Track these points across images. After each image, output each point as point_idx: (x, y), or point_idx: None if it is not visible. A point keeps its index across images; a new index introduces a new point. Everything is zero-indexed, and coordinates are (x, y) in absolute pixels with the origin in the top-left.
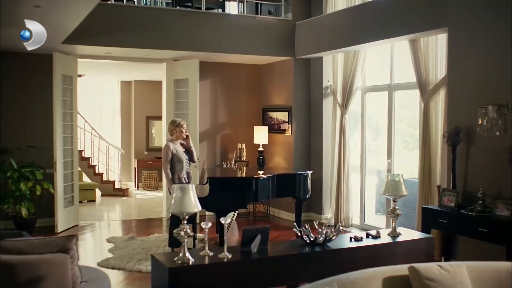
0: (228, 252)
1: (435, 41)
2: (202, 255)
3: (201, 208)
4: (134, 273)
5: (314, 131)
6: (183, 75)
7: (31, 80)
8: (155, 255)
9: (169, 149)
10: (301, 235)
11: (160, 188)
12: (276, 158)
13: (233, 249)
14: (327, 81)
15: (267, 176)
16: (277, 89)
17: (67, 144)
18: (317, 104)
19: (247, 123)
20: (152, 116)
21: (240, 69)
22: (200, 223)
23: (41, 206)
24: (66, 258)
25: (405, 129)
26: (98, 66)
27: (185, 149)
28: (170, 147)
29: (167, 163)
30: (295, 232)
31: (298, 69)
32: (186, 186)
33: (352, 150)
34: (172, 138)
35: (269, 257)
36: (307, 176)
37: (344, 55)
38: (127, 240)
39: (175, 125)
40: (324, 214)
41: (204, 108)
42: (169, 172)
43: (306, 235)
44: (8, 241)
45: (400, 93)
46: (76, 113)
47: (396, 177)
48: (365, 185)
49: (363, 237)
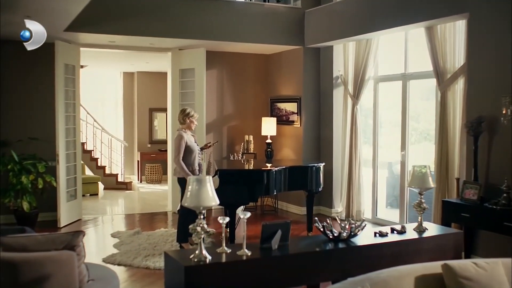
0: (247, 249)
1: (453, 28)
2: (219, 252)
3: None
4: (141, 269)
5: (324, 122)
6: (189, 64)
7: (32, 70)
8: (168, 253)
9: (183, 139)
10: (323, 230)
11: (164, 182)
12: (285, 150)
13: (251, 245)
14: (338, 70)
15: (279, 169)
16: (285, 79)
17: (70, 136)
18: (327, 95)
19: (254, 114)
20: (156, 108)
21: (247, 58)
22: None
23: (43, 200)
24: (72, 255)
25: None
26: (101, 56)
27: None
28: (184, 137)
29: (180, 153)
30: (317, 227)
31: (308, 58)
32: (203, 178)
33: (364, 141)
34: (182, 127)
35: (291, 254)
36: (319, 168)
37: (355, 44)
38: (132, 235)
39: (186, 115)
40: (335, 207)
41: (210, 99)
42: (183, 162)
43: (330, 231)
44: (10, 238)
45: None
46: (79, 104)
47: (423, 168)
48: (377, 178)
49: (388, 232)
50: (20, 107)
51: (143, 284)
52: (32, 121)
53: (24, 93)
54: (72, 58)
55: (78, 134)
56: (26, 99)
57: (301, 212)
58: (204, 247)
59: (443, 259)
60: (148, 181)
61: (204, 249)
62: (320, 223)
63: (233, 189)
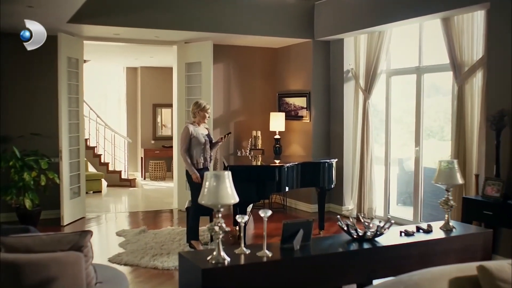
0: (268, 250)
1: (471, 19)
2: (238, 253)
3: None
4: (149, 269)
5: (334, 117)
6: (195, 58)
7: (34, 63)
8: (184, 254)
9: (189, 131)
10: (347, 229)
11: (168, 179)
12: (293, 146)
13: (271, 245)
14: (349, 64)
15: (291, 165)
16: (294, 73)
17: (73, 132)
18: (337, 89)
19: (262, 109)
20: (159, 103)
21: (254, 52)
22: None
23: (46, 197)
24: (79, 256)
25: (409, 119)
26: (104, 50)
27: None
28: (189, 129)
29: (184, 145)
30: (340, 226)
31: (317, 52)
32: (222, 174)
33: (375, 137)
34: (194, 120)
35: (314, 255)
36: (332, 164)
37: (367, 37)
38: (138, 234)
39: (199, 108)
40: (345, 205)
41: (217, 93)
42: (186, 155)
43: (354, 230)
44: (13, 238)
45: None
46: (82, 98)
47: (450, 163)
48: (390, 174)
49: (414, 231)
50: (22, 102)
51: (152, 285)
52: (34, 116)
53: (26, 87)
54: (76, 51)
55: (81, 129)
56: (28, 94)
57: (311, 210)
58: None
59: (472, 259)
60: (152, 178)
61: (222, 250)
62: (343, 222)
63: (244, 186)
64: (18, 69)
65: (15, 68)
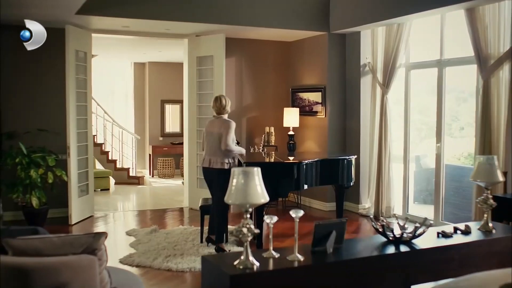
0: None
1: (497, 9)
2: (266, 257)
3: None
4: (163, 271)
5: (350, 113)
6: (207, 51)
7: (41, 57)
8: (207, 258)
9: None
10: (383, 230)
11: (177, 176)
12: (307, 143)
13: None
14: (365, 58)
15: (310, 161)
16: (308, 68)
17: (81, 127)
18: (353, 84)
19: (275, 105)
20: (167, 100)
21: (267, 46)
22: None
23: (53, 195)
24: (93, 260)
25: (415, 116)
26: (111, 45)
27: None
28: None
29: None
30: (374, 227)
31: (333, 45)
32: (251, 170)
33: (394, 133)
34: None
35: (349, 259)
36: (351, 161)
37: (385, 29)
38: (149, 233)
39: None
40: (362, 203)
41: (228, 89)
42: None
43: (391, 231)
44: (21, 240)
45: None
46: (91, 93)
47: (490, 160)
48: (409, 171)
49: (452, 233)
50: (29, 97)
51: None
52: (41, 112)
53: (33, 82)
54: (84, 45)
55: (89, 125)
56: (34, 89)
57: (326, 208)
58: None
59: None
60: (160, 175)
61: (251, 255)
62: (376, 222)
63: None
64: (24, 63)
65: (22, 61)
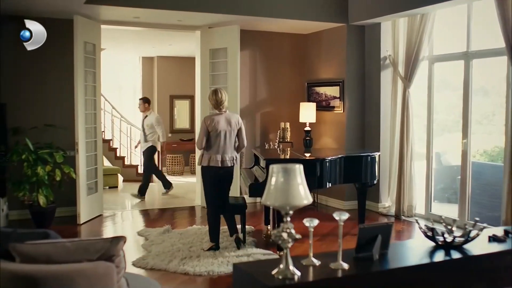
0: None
1: None
2: (305, 264)
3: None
4: (179, 275)
5: (370, 108)
6: (221, 44)
7: (48, 50)
8: (240, 266)
9: None
10: (432, 235)
11: (186, 173)
12: (324, 139)
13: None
14: (386, 50)
15: (334, 158)
16: (325, 61)
17: (90, 123)
18: (373, 77)
19: (290, 99)
20: (177, 95)
21: (282, 38)
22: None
23: (61, 194)
24: (110, 268)
25: (438, 111)
26: (120, 38)
27: None
28: None
29: None
30: (423, 231)
31: (352, 37)
32: (292, 168)
33: (416, 129)
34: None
35: (399, 268)
36: (375, 158)
37: (408, 20)
38: (162, 234)
39: None
40: (382, 202)
41: (242, 82)
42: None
43: (441, 235)
44: (30, 245)
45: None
46: (100, 87)
47: None
48: (432, 169)
49: (505, 237)
50: (35, 91)
51: None
52: (48, 106)
53: (39, 75)
54: (93, 36)
55: (98, 120)
56: (41, 82)
57: (343, 207)
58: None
59: None
60: (169, 173)
61: (291, 263)
62: (424, 225)
63: None
64: (31, 56)
65: (28, 54)
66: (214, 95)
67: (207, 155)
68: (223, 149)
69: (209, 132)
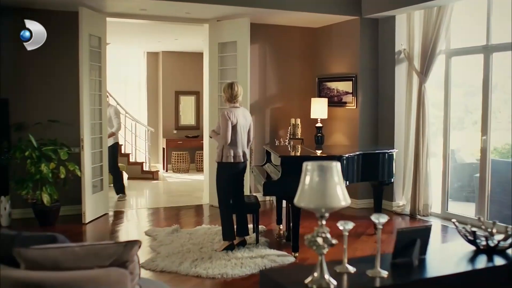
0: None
1: None
2: (339, 271)
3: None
4: (191, 278)
5: (384, 103)
6: (230, 37)
7: (52, 43)
8: (268, 273)
9: None
10: (474, 238)
11: (192, 171)
12: (336, 135)
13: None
14: (401, 44)
15: (352, 155)
16: (337, 55)
17: (95, 118)
18: (387, 72)
19: (300, 95)
20: (182, 91)
21: (292, 32)
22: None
23: (66, 192)
24: (123, 274)
25: (466, 105)
26: (125, 32)
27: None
28: None
29: None
30: (463, 234)
31: (365, 30)
32: (329, 166)
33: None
34: None
35: (442, 276)
36: (392, 155)
37: (424, 13)
38: (171, 234)
39: None
40: (396, 200)
41: (251, 78)
42: None
43: (485, 238)
44: (36, 250)
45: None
46: (105, 81)
47: None
48: (449, 167)
49: None
50: (38, 85)
51: None
52: (52, 102)
53: (43, 69)
54: (98, 29)
55: (104, 116)
56: (45, 76)
57: (356, 206)
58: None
59: None
60: (174, 170)
61: (327, 272)
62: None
63: (297, 180)
64: (34, 49)
65: None
66: (230, 88)
67: (229, 150)
68: (242, 144)
69: (232, 126)
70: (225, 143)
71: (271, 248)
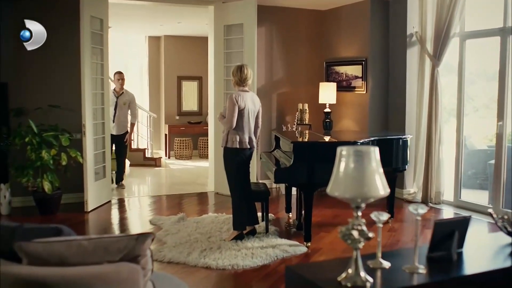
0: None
1: None
2: (373, 267)
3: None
4: (200, 269)
5: (395, 88)
6: (236, 19)
7: (52, 26)
8: (296, 270)
9: None
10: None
11: (195, 157)
12: (345, 121)
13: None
14: (412, 27)
15: (367, 141)
16: (345, 39)
17: (97, 103)
18: (398, 56)
19: (308, 79)
20: (184, 76)
21: (300, 15)
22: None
23: (67, 179)
24: (135, 270)
25: (479, 89)
26: (126, 15)
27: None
28: None
29: None
30: (502, 225)
31: (375, 13)
32: (367, 151)
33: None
34: None
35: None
36: (407, 141)
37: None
38: (177, 222)
39: None
40: (407, 188)
41: (258, 61)
42: None
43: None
44: (40, 243)
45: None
46: (108, 65)
47: None
48: (462, 154)
49: None
50: (39, 69)
51: None
52: (53, 86)
53: (43, 52)
54: (100, 11)
55: (106, 101)
56: (45, 60)
57: None
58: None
59: None
60: (177, 156)
61: (362, 268)
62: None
63: (310, 167)
64: None
65: None
66: (239, 71)
67: (234, 135)
68: (250, 130)
69: (239, 111)
70: (230, 127)
71: (281, 237)
